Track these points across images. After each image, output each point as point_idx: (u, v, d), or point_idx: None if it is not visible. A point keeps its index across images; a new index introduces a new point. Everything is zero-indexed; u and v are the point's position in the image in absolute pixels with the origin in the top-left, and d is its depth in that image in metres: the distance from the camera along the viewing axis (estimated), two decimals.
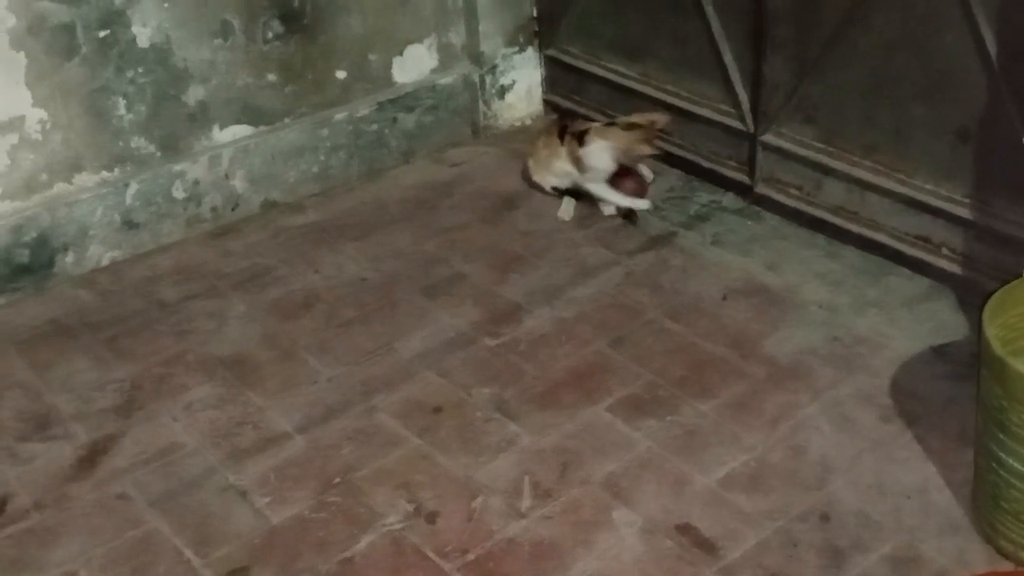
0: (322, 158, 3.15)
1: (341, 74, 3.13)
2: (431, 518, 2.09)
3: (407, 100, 3.24)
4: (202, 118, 2.91)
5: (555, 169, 2.96)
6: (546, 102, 3.47)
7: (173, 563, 2.02)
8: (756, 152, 2.92)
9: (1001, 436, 1.86)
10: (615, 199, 2.94)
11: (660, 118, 2.91)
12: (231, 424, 2.34)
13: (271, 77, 3.01)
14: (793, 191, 2.89)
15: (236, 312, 2.70)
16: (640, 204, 2.94)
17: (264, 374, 2.48)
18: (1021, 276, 2.10)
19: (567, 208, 2.99)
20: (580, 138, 2.86)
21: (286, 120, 3.07)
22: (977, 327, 1.95)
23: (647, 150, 2.89)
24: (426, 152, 3.32)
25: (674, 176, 3.13)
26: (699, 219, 2.96)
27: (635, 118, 2.89)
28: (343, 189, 3.18)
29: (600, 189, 2.93)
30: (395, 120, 3.24)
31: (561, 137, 2.91)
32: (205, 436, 2.31)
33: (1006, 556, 1.94)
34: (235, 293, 2.77)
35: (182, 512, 2.13)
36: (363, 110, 3.18)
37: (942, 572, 1.92)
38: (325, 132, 3.13)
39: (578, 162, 2.89)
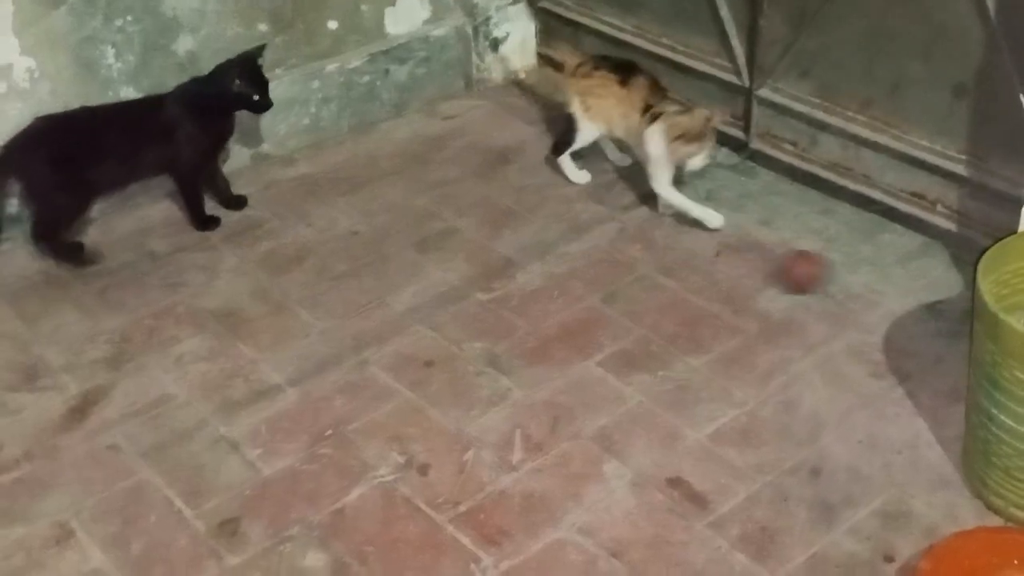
0: (313, 110, 3.12)
1: (333, 25, 3.09)
2: (422, 470, 2.10)
3: (399, 52, 3.21)
4: (192, 68, 2.87)
5: (621, 126, 2.77)
6: (540, 55, 3.44)
7: (164, 514, 2.02)
8: (751, 107, 2.90)
9: (993, 392, 1.87)
10: (683, 204, 2.71)
11: (716, 115, 2.69)
12: (222, 376, 2.33)
13: (262, 27, 2.97)
14: (788, 147, 2.87)
15: (227, 265, 2.68)
16: (713, 221, 2.70)
17: (255, 327, 2.47)
18: (1015, 233, 2.10)
19: (580, 174, 2.92)
20: (653, 116, 2.67)
21: (276, 71, 3.02)
22: (971, 284, 1.94)
23: (688, 151, 2.64)
24: (418, 105, 3.29)
25: None
26: (693, 175, 2.94)
27: (691, 114, 2.65)
28: (334, 142, 3.15)
29: (665, 190, 2.72)
30: (387, 72, 3.20)
31: (645, 110, 2.69)
32: (196, 388, 2.31)
33: (996, 511, 1.95)
34: (226, 246, 2.75)
35: (173, 463, 2.13)
36: (355, 62, 3.15)
37: (932, 527, 1.93)
38: (316, 84, 3.10)
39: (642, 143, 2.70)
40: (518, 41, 3.41)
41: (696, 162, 2.68)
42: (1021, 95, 2.34)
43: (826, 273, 2.50)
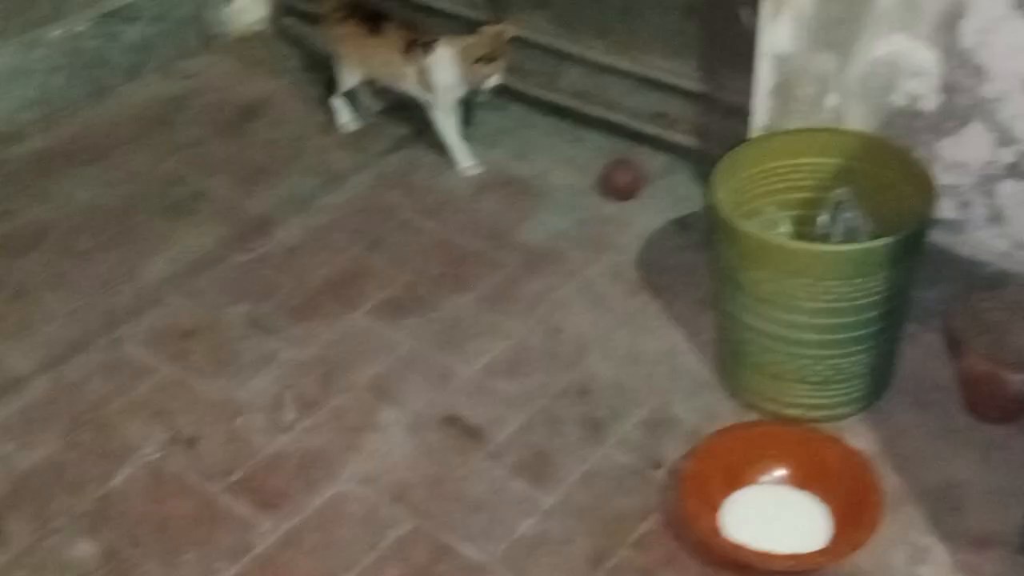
0: (40, 80, 2.92)
1: None
2: (191, 443, 2.03)
3: (127, 12, 3.04)
4: None
5: (384, 72, 2.72)
6: (277, 5, 3.33)
7: None
8: None
9: (736, 295, 1.96)
10: (452, 139, 2.70)
11: (508, 28, 2.62)
12: None
13: None
14: (534, 79, 2.90)
15: None
16: (468, 167, 2.69)
17: None
18: (746, 141, 2.20)
19: (348, 119, 2.86)
20: (426, 47, 2.61)
21: None
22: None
23: (488, 70, 2.57)
24: (155, 66, 3.13)
25: None
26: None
27: (482, 34, 2.59)
28: (67, 112, 2.97)
29: (444, 122, 2.68)
30: (117, 34, 3.03)
31: (408, 49, 2.63)
32: None
33: (751, 407, 2.06)
34: None
35: None
36: (80, 25, 2.96)
37: (694, 429, 2.02)
38: (39, 52, 2.91)
39: (423, 76, 2.63)
40: None
41: (493, 81, 2.61)
42: (745, 8, 2.43)
43: (644, 177, 2.57)
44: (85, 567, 1.82)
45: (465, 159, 2.71)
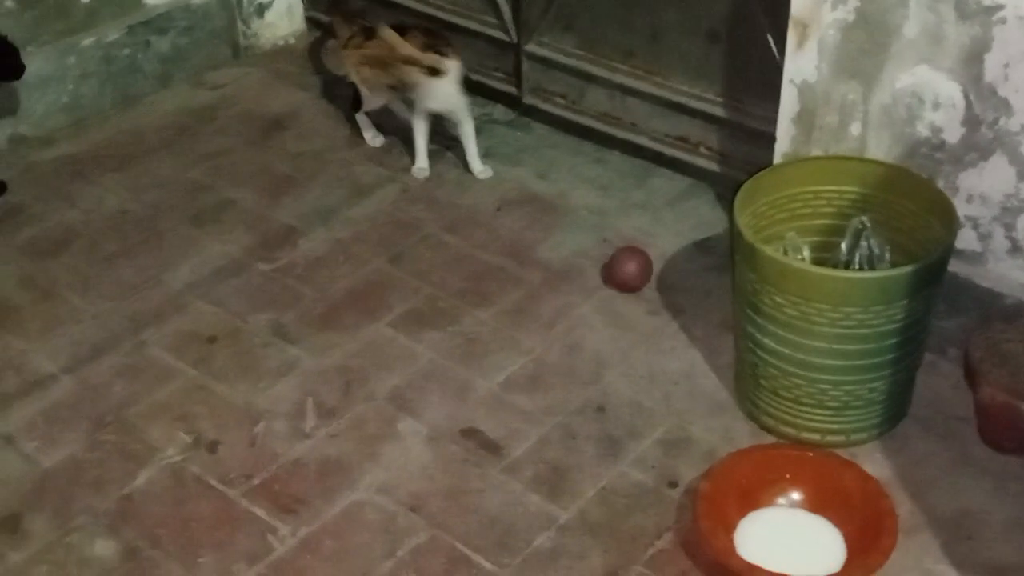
0: (71, 87, 2.97)
1: None
2: (212, 447, 2.05)
3: (159, 22, 3.09)
4: None
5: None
6: (308, 19, 3.38)
7: None
8: (521, 63, 2.94)
9: (756, 318, 1.98)
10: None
11: (397, 42, 2.65)
12: None
13: (8, 3, 2.80)
14: (559, 100, 2.93)
15: None
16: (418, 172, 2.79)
17: (23, 316, 2.35)
18: (769, 167, 2.22)
19: (374, 134, 2.91)
20: (441, 54, 2.65)
21: (28, 49, 2.86)
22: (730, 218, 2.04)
23: (370, 75, 2.70)
24: (185, 76, 3.18)
25: None
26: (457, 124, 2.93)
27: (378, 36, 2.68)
28: (97, 119, 3.01)
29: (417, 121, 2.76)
30: (148, 44, 3.08)
31: (425, 49, 2.67)
32: None
33: (768, 430, 2.07)
34: None
35: None
36: (112, 34, 3.01)
37: (710, 450, 2.03)
38: (72, 60, 2.95)
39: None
40: (284, 6, 3.34)
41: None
42: (769, 36, 2.47)
43: (650, 269, 2.41)
44: (105, 565, 1.85)
45: (421, 160, 2.78)
